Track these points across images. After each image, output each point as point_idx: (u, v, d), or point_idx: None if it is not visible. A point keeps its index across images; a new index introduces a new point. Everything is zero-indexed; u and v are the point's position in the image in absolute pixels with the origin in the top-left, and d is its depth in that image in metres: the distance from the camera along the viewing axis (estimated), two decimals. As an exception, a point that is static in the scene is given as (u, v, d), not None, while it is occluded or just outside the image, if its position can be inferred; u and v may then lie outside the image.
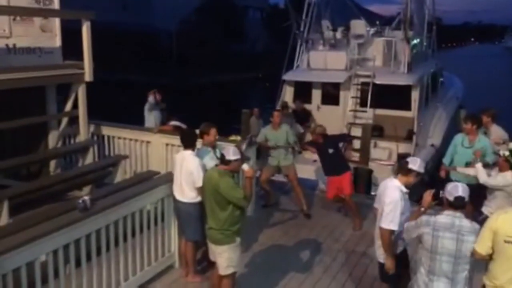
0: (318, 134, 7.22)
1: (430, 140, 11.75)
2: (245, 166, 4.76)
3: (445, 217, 3.66)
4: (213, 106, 18.07)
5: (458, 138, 6.73)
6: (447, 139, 10.99)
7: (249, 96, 24.40)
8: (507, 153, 5.57)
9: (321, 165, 7.45)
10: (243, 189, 4.65)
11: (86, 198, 4.58)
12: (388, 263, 4.34)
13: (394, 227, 4.23)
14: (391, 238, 4.30)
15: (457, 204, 3.63)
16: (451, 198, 3.66)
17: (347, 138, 7.50)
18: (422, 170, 4.37)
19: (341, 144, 7.31)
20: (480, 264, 3.78)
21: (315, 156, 7.58)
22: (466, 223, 3.60)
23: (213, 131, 5.72)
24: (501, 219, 3.46)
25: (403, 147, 10.94)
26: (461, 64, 27.30)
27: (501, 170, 5.60)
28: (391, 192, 4.29)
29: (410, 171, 4.32)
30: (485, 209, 5.80)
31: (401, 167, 4.46)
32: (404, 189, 4.33)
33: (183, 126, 8.02)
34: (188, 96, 22.52)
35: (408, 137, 11.31)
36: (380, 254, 4.47)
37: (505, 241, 3.35)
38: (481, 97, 11.57)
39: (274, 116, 7.66)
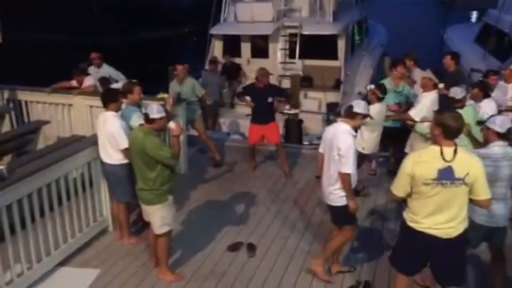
0: (262, 76, 7.08)
1: (357, 88, 12.09)
2: (171, 124, 4.64)
3: (499, 148, 4.08)
4: (139, 65, 17.35)
5: (386, 85, 6.97)
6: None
7: (178, 53, 23.66)
8: (373, 86, 6.33)
9: (251, 110, 7.38)
10: (170, 147, 4.56)
11: (2, 167, 4.29)
12: (352, 203, 4.48)
13: (351, 170, 4.38)
14: (350, 181, 4.45)
15: (509, 136, 4.12)
16: (502, 131, 4.09)
17: (286, 94, 7.53)
18: (366, 112, 4.59)
19: (270, 98, 7.33)
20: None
21: (248, 111, 7.57)
22: None
23: (136, 89, 5.52)
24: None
25: (331, 96, 11.20)
26: (384, 13, 27.94)
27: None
28: (345, 138, 4.40)
29: (356, 114, 4.50)
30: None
31: (347, 112, 4.56)
32: (354, 133, 4.51)
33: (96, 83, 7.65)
34: (111, 55, 21.47)
35: (336, 86, 11.59)
36: (336, 198, 4.53)
37: (424, 184, 3.55)
38: (404, 45, 11.93)
39: (177, 70, 7.65)
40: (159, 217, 4.62)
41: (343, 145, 4.37)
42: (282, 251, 5.35)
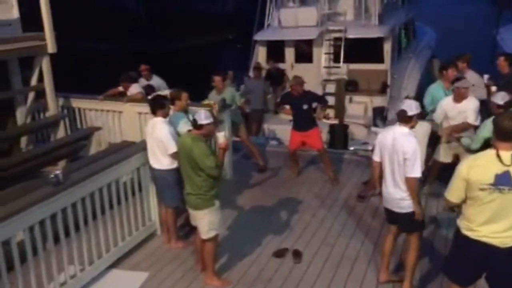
0: (296, 84, 7.11)
1: (405, 92, 11.81)
2: (220, 137, 4.69)
3: None
4: (185, 72, 17.71)
5: (437, 88, 6.77)
6: (421, 90, 11.11)
7: (221, 60, 23.97)
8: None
9: (292, 118, 7.41)
10: (216, 157, 4.59)
11: (58, 172, 4.48)
12: (418, 209, 4.35)
13: (419, 173, 4.27)
14: (418, 185, 4.36)
15: None
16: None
17: (324, 100, 7.49)
18: (419, 110, 4.44)
19: (314, 104, 7.31)
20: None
21: (291, 117, 7.58)
22: None
23: (184, 96, 5.63)
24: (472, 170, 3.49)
25: (377, 101, 11.01)
26: (432, 13, 27.17)
27: None
28: (409, 140, 4.28)
29: (411, 118, 4.37)
30: None
31: (402, 117, 4.40)
32: (414, 134, 4.42)
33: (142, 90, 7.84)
34: (157, 62, 22.06)
35: (382, 90, 11.37)
36: (407, 205, 4.35)
37: (480, 189, 3.41)
38: (453, 47, 11.56)
39: (215, 81, 7.57)
40: (206, 221, 4.67)
41: (408, 148, 4.23)
42: (329, 258, 5.27)
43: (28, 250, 4.13)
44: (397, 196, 4.37)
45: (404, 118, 4.38)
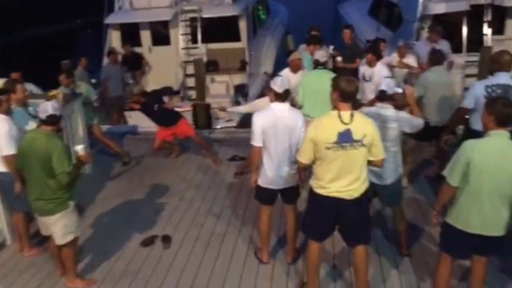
0: (137, 95, 7.01)
1: (263, 68, 12.17)
2: (80, 150, 4.28)
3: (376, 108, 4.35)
4: (33, 63, 16.13)
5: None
6: (277, 65, 11.52)
7: (73, 47, 22.23)
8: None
9: (153, 122, 7.28)
10: (73, 165, 4.17)
11: None
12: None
13: None
14: None
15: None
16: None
17: (171, 90, 7.34)
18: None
19: (166, 98, 7.16)
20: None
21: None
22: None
23: (19, 88, 5.05)
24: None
25: (237, 78, 11.17)
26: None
27: None
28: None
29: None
30: None
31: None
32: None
33: None
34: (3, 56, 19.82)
35: (242, 68, 11.57)
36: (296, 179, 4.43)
37: (326, 148, 3.59)
38: (303, 22, 12.14)
39: (61, 79, 7.07)
40: (62, 226, 4.25)
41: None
42: (199, 238, 5.24)
43: None
44: (291, 172, 4.35)
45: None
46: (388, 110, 4.36)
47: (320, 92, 5.49)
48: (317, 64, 6.16)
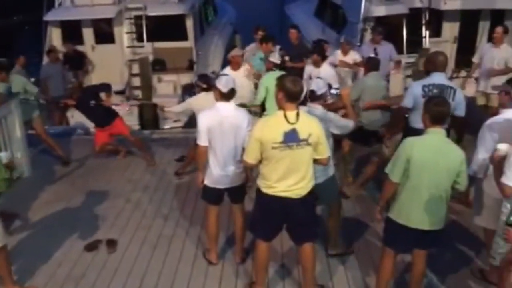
0: (72, 90, 6.82)
1: (210, 68, 12.08)
2: (4, 157, 4.08)
3: None
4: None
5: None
6: (225, 65, 11.46)
7: (10, 45, 21.12)
8: None
9: (88, 119, 7.10)
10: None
11: None
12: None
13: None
14: None
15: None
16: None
17: (108, 87, 7.08)
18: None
19: (103, 94, 6.95)
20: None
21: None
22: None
23: None
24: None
25: (185, 78, 11.04)
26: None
27: None
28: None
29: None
30: None
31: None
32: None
33: None
34: None
35: (189, 67, 11.45)
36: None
37: (272, 148, 3.61)
38: (251, 21, 12.19)
39: None
40: None
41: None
42: (145, 241, 5.12)
43: None
44: (238, 171, 4.35)
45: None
46: (316, 110, 4.38)
47: None
48: (273, 66, 6.30)
